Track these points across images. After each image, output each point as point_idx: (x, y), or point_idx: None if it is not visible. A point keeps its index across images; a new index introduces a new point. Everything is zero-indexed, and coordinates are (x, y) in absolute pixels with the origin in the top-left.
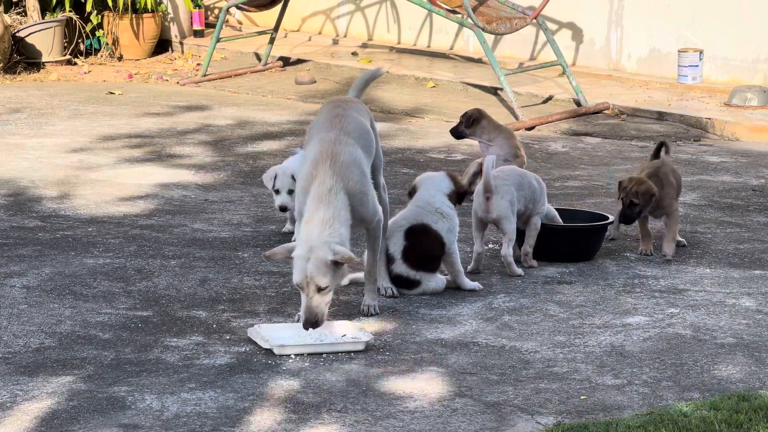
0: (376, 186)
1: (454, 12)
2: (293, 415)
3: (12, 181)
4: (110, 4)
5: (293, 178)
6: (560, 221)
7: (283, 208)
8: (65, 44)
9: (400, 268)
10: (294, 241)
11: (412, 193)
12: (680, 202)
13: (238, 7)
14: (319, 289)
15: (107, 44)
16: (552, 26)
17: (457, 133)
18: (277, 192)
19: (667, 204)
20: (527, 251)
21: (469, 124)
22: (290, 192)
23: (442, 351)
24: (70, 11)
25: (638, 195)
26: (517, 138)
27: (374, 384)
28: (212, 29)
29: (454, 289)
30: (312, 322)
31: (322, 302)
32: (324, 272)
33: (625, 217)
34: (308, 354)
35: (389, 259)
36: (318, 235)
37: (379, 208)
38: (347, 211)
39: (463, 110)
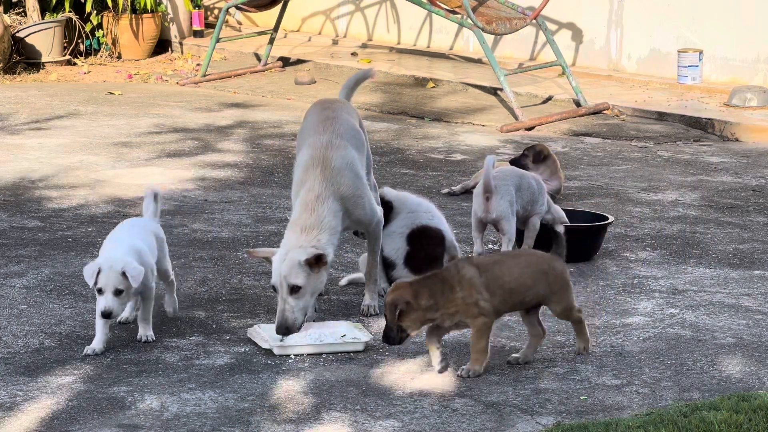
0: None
1: (453, 12)
2: (293, 415)
3: (12, 181)
4: (110, 4)
5: (124, 275)
6: (566, 221)
7: (107, 314)
8: (65, 44)
9: (401, 272)
10: None
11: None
12: (680, 203)
13: (237, 8)
14: (293, 290)
15: (107, 44)
16: (552, 26)
17: (519, 165)
18: (100, 292)
19: (460, 311)
20: None
21: (539, 159)
22: (118, 292)
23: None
24: (69, 11)
25: (386, 308)
26: (563, 180)
27: (374, 384)
28: (212, 29)
29: None
30: (285, 326)
31: (296, 307)
32: (297, 272)
33: (386, 337)
34: (308, 354)
35: (389, 264)
36: (296, 240)
37: (378, 209)
38: (334, 218)
39: (462, 110)
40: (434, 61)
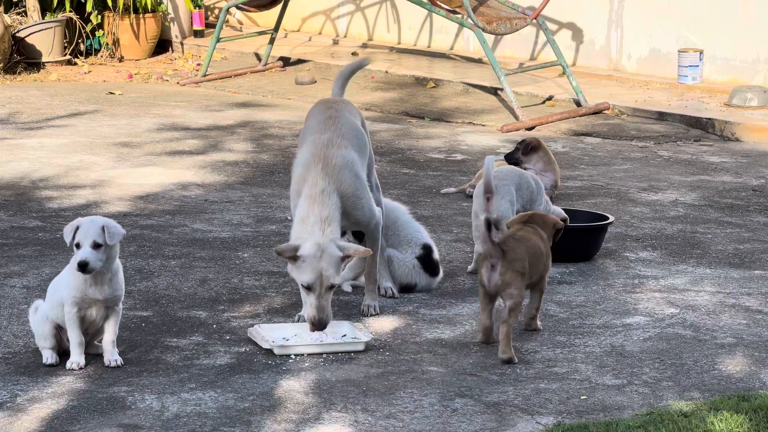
0: (369, 186)
1: (454, 12)
2: (293, 415)
3: (12, 181)
4: (110, 4)
5: (104, 230)
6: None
7: (83, 265)
8: (65, 44)
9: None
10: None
11: None
12: (680, 203)
13: (238, 7)
14: (330, 287)
15: (107, 44)
16: (552, 26)
17: (512, 159)
18: (78, 246)
19: None
20: None
21: (527, 151)
22: (97, 246)
23: (442, 351)
24: (70, 11)
25: None
26: (559, 174)
27: (374, 384)
28: (212, 29)
29: (453, 289)
30: (324, 323)
31: (329, 300)
32: (337, 270)
33: None
34: (308, 354)
35: (430, 250)
36: (321, 233)
37: (376, 210)
38: (339, 213)
39: (463, 110)
40: (434, 61)
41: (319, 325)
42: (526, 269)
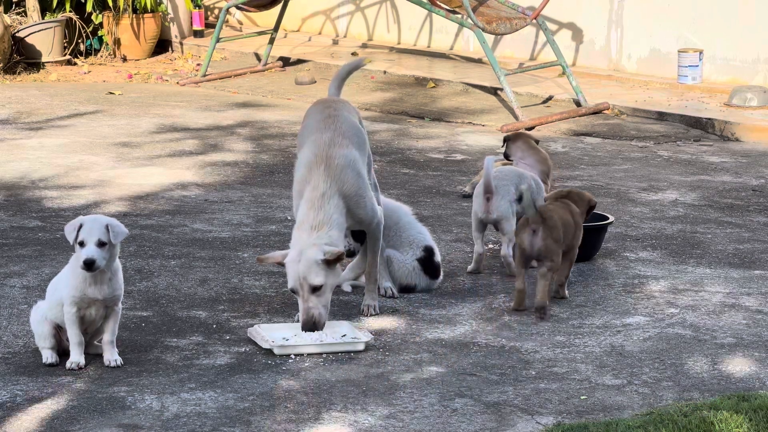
0: None
1: (454, 12)
2: (293, 415)
3: (12, 181)
4: (110, 4)
5: (108, 229)
6: None
7: (90, 262)
8: (65, 44)
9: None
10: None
11: None
12: (680, 203)
13: (238, 7)
14: (314, 290)
15: (107, 44)
16: (552, 26)
17: (505, 154)
18: (82, 244)
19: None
20: None
21: (505, 141)
22: (101, 244)
23: (442, 351)
24: (70, 11)
25: None
26: (551, 166)
27: (374, 384)
28: (212, 29)
29: (453, 289)
30: (311, 324)
31: (319, 304)
32: (315, 271)
33: None
34: (308, 354)
35: (432, 252)
36: (307, 238)
37: (378, 210)
38: (340, 215)
39: (463, 110)
40: (434, 61)
41: (306, 326)
42: (561, 237)
